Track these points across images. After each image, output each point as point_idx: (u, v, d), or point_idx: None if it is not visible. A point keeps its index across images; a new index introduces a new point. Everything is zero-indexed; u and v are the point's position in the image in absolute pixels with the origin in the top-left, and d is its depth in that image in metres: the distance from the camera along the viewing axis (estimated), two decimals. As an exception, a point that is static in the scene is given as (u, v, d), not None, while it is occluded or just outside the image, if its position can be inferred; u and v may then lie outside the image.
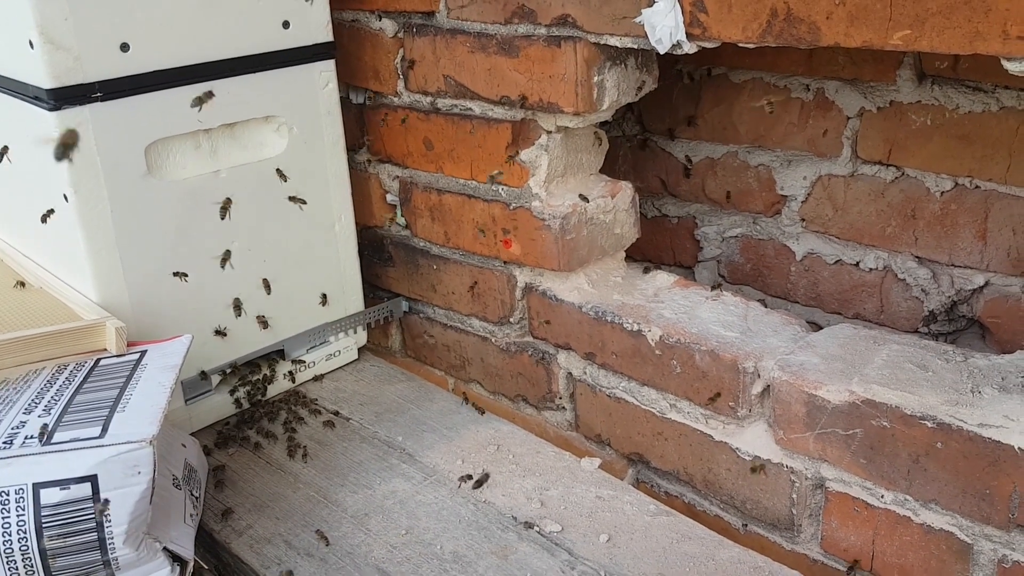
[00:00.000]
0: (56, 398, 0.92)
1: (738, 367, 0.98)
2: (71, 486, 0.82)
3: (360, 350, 1.39)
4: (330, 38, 1.21)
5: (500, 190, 1.18)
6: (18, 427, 0.87)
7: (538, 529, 1.01)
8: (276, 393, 1.28)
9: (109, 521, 0.83)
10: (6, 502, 0.82)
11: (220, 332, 1.17)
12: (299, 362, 1.30)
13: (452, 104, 1.20)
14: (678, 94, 1.37)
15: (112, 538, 0.84)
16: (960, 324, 1.18)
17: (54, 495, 0.82)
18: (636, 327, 1.07)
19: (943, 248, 1.17)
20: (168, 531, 0.92)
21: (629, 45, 1.00)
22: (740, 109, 1.31)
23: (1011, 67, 0.76)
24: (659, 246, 1.47)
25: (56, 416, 0.89)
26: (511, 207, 1.17)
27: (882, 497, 0.90)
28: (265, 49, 1.14)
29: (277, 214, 1.21)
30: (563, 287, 1.16)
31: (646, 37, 0.97)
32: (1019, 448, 0.79)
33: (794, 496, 0.97)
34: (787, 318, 1.05)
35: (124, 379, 0.95)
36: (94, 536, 0.84)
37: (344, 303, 1.33)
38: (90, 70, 1.00)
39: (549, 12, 1.04)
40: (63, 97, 0.99)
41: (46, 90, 0.99)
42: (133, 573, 0.87)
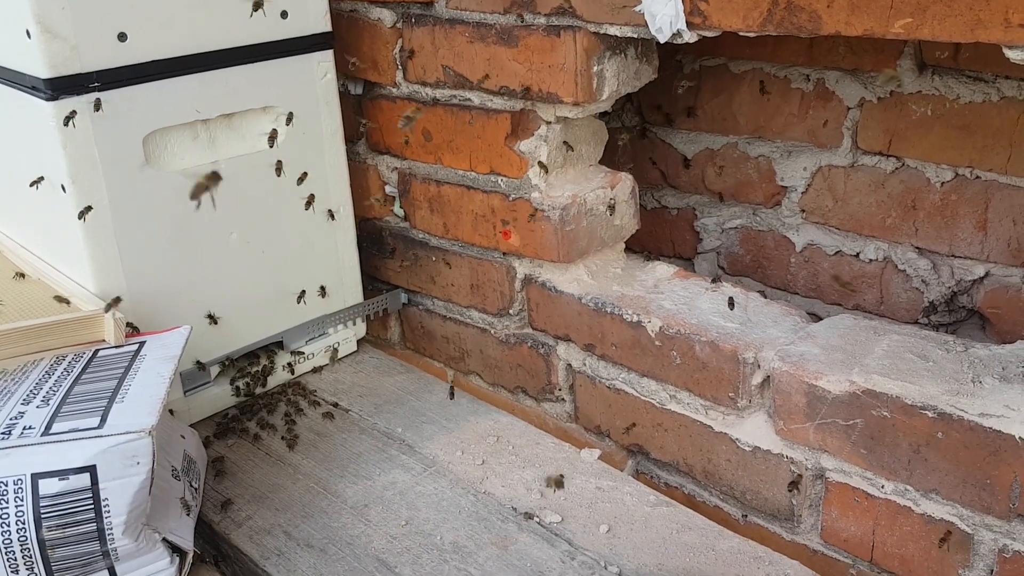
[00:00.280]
0: (54, 389, 0.92)
1: (738, 358, 0.98)
2: (70, 476, 0.82)
3: (359, 342, 1.39)
4: (328, 28, 1.20)
5: (499, 181, 1.17)
6: (16, 418, 0.87)
7: (538, 520, 1.01)
8: (275, 385, 1.28)
9: (108, 512, 0.83)
10: (5, 493, 0.81)
11: (211, 317, 1.16)
12: (298, 353, 1.29)
13: (451, 95, 1.19)
14: (678, 85, 1.36)
15: (111, 529, 0.84)
16: (960, 315, 1.18)
17: (53, 486, 0.82)
18: (636, 318, 1.07)
19: (943, 239, 1.17)
20: (167, 522, 0.92)
21: (629, 34, 1.00)
22: (740, 100, 1.30)
23: (1013, 55, 0.76)
24: (659, 238, 1.47)
25: (55, 407, 0.89)
26: (510, 198, 1.17)
27: (882, 487, 0.90)
28: (263, 39, 1.13)
29: (275, 206, 1.21)
30: (563, 278, 1.16)
31: (646, 26, 0.96)
32: (1020, 438, 0.79)
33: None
34: (787, 309, 1.05)
35: (123, 370, 0.95)
36: (93, 527, 0.84)
37: (343, 295, 1.33)
38: (88, 60, 1.00)
39: (548, 1, 1.04)
40: (60, 87, 0.99)
41: (43, 80, 0.98)
42: (132, 564, 0.87)
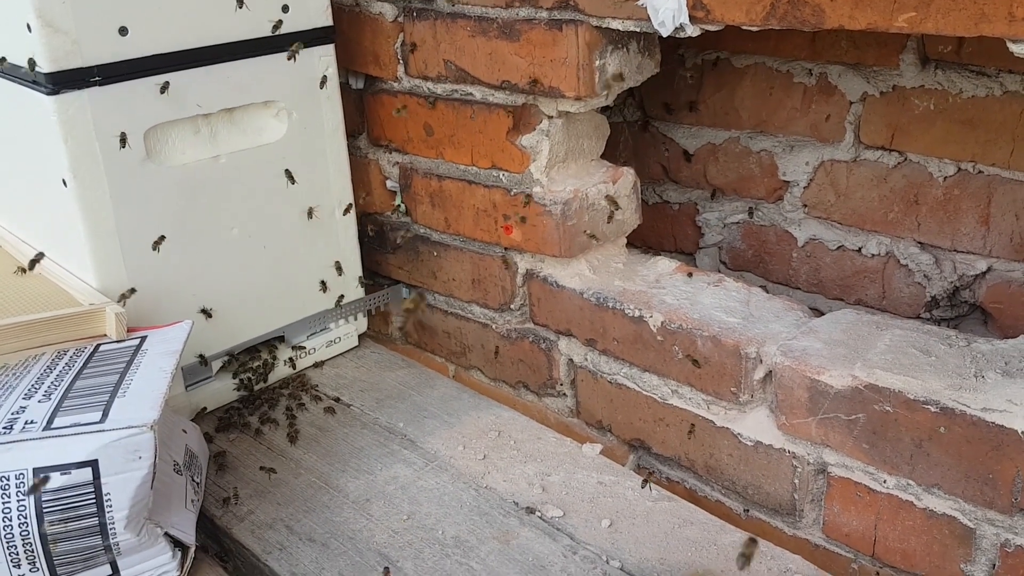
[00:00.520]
0: (56, 383, 0.92)
1: (740, 352, 0.98)
2: (72, 471, 0.82)
3: (360, 337, 1.38)
4: (330, 22, 1.20)
5: (501, 176, 1.17)
6: (18, 412, 0.87)
7: (540, 514, 1.01)
8: (277, 379, 1.28)
9: (110, 506, 0.83)
10: (6, 487, 0.81)
11: (206, 312, 1.16)
12: (299, 348, 1.29)
13: (452, 89, 1.19)
14: (679, 79, 1.36)
15: (113, 523, 0.84)
16: (962, 310, 1.18)
17: (55, 480, 0.82)
18: (638, 313, 1.07)
19: (946, 234, 1.16)
20: (169, 516, 0.92)
21: (631, 28, 0.99)
22: (742, 94, 1.30)
23: (1016, 49, 0.76)
24: (660, 232, 1.47)
25: (56, 401, 0.89)
26: (512, 193, 1.16)
27: (885, 482, 0.90)
28: (265, 33, 1.13)
29: (277, 200, 1.20)
30: (564, 273, 1.16)
31: (648, 20, 0.96)
32: (1022, 432, 0.79)
33: (796, 481, 0.97)
34: (789, 304, 1.04)
35: (124, 364, 0.95)
36: (95, 521, 0.83)
37: (344, 290, 1.32)
38: (88, 54, 1.00)
39: (550, -5, 1.03)
40: (61, 81, 0.99)
41: (44, 74, 0.98)
42: (134, 558, 0.87)
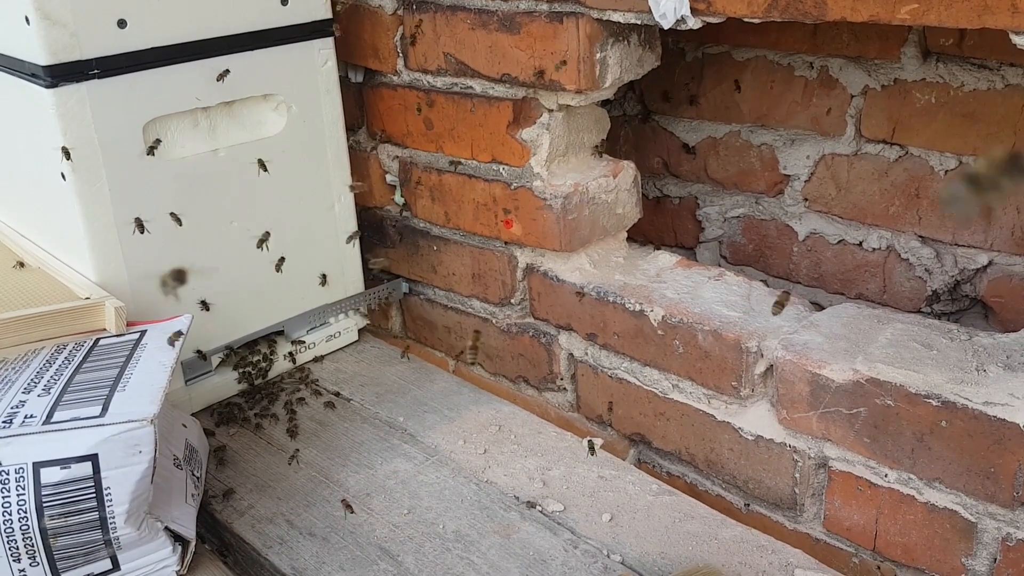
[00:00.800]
0: (55, 378, 0.92)
1: (741, 347, 0.97)
2: (71, 465, 0.82)
3: (360, 331, 1.38)
4: (329, 15, 1.19)
5: (501, 169, 1.17)
6: (17, 406, 0.87)
7: (540, 509, 1.01)
8: (276, 374, 1.27)
9: (110, 500, 0.83)
10: (6, 481, 0.81)
11: (204, 304, 1.15)
12: (299, 343, 1.29)
13: (452, 82, 1.19)
14: (680, 72, 1.36)
15: (113, 517, 0.84)
16: (963, 304, 1.18)
17: (54, 474, 0.82)
18: (638, 307, 1.07)
19: (947, 227, 1.16)
20: (169, 511, 0.92)
21: (632, 21, 0.99)
22: (743, 88, 1.30)
23: (1019, 41, 0.75)
24: (660, 227, 1.46)
25: (56, 395, 0.88)
26: (512, 187, 1.16)
27: (886, 476, 0.90)
28: (263, 26, 1.13)
29: (276, 194, 1.20)
30: (564, 267, 1.16)
31: (649, 12, 0.96)
32: (1024, 426, 0.79)
33: (797, 475, 0.96)
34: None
35: (124, 359, 0.95)
36: (95, 515, 0.83)
37: (344, 284, 1.32)
38: (87, 47, 0.99)
39: (551, -12, 1.03)
40: (60, 74, 0.98)
41: (43, 67, 0.98)
42: (135, 552, 0.87)
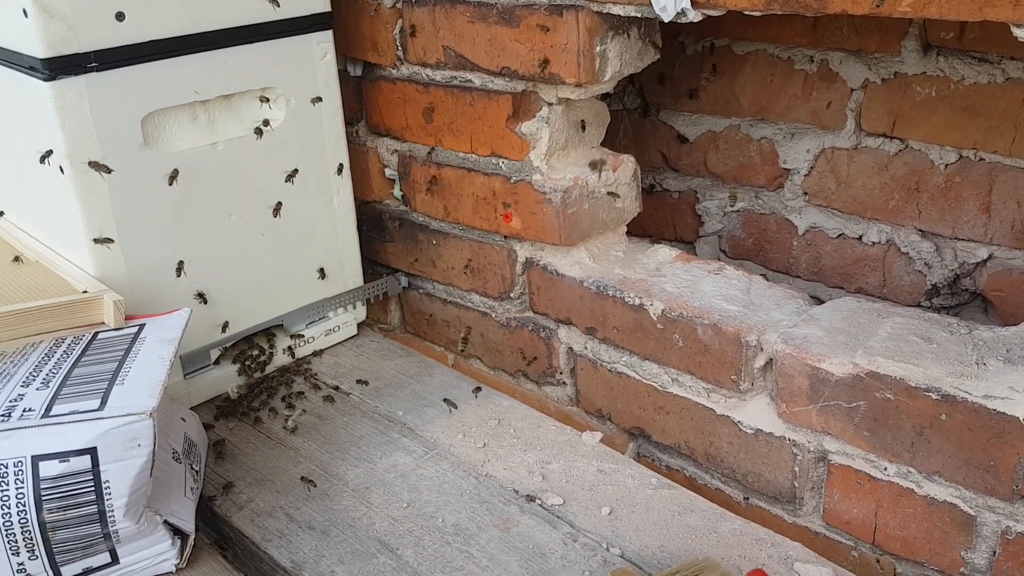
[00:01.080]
0: (54, 371, 0.92)
1: (741, 340, 0.97)
2: (70, 458, 0.82)
3: (359, 325, 1.38)
4: (327, 8, 1.19)
5: (500, 163, 1.17)
6: (16, 400, 0.87)
7: (540, 502, 1.01)
8: (275, 368, 1.27)
9: (109, 494, 0.83)
10: (5, 475, 0.81)
11: (201, 296, 1.15)
12: (298, 337, 1.29)
13: (452, 76, 1.18)
14: (680, 66, 1.35)
15: (112, 511, 0.84)
16: (963, 298, 1.18)
17: (53, 467, 0.82)
18: (638, 301, 1.06)
19: (947, 221, 1.16)
20: (169, 504, 0.92)
21: (632, 14, 0.99)
22: (743, 81, 1.29)
23: (1020, 34, 0.75)
24: (660, 221, 1.46)
25: (54, 389, 0.88)
26: (511, 181, 1.16)
27: (885, 470, 0.90)
28: (262, 19, 1.12)
29: (275, 188, 1.20)
30: (564, 261, 1.16)
31: (650, 5, 0.95)
32: (1024, 419, 0.79)
33: (796, 469, 0.96)
34: (790, 291, 1.04)
35: (123, 352, 0.95)
36: (94, 509, 0.83)
37: (343, 278, 1.32)
38: (85, 40, 0.99)
39: (551, -19, 1.03)
40: (58, 67, 0.98)
41: (41, 60, 0.97)
42: (134, 546, 0.87)
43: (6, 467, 0.81)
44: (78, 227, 1.05)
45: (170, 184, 1.08)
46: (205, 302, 1.16)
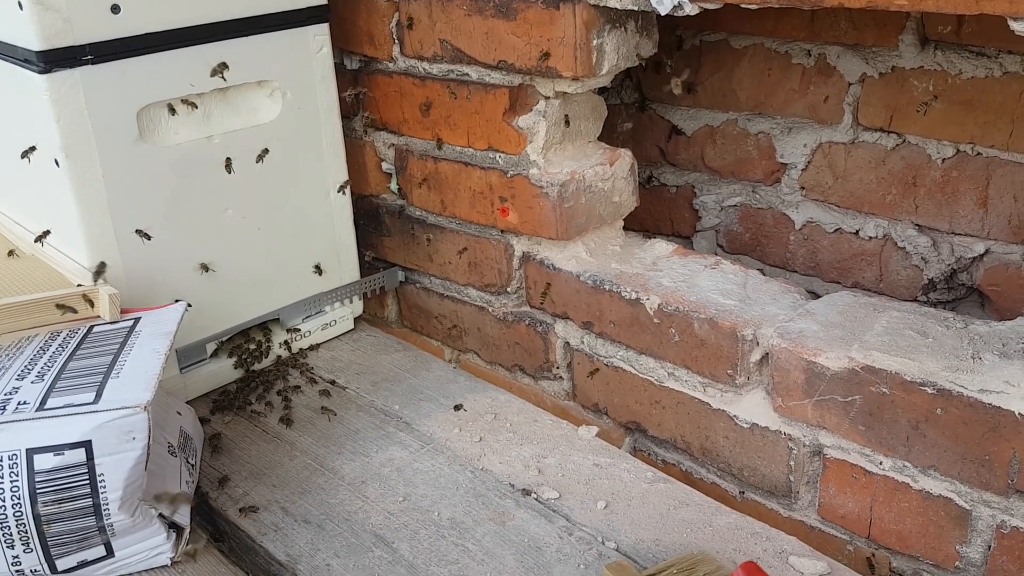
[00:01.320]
0: (49, 364, 0.92)
1: (737, 335, 0.97)
2: (65, 452, 0.82)
3: (356, 320, 1.38)
4: (324, 1, 1.19)
5: (497, 157, 1.17)
6: (11, 393, 0.87)
7: (536, 496, 1.01)
8: (271, 362, 1.27)
9: (104, 487, 0.83)
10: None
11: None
12: (295, 331, 1.29)
13: (448, 69, 1.18)
14: (677, 60, 1.35)
15: (107, 504, 0.84)
16: (959, 292, 1.18)
17: (48, 461, 0.82)
18: (634, 295, 1.06)
19: (943, 216, 1.16)
20: (164, 498, 0.92)
21: (629, 7, 0.98)
22: (740, 76, 1.29)
23: (1018, 27, 0.75)
24: (657, 215, 1.46)
25: (49, 382, 0.88)
26: (508, 175, 1.16)
27: (881, 464, 0.90)
28: (258, 12, 1.12)
29: (271, 182, 1.20)
30: (561, 256, 1.16)
31: (646, -1, 0.95)
32: (1019, 414, 0.79)
33: (792, 463, 0.96)
34: (786, 286, 1.04)
35: (118, 346, 0.95)
36: (89, 502, 0.83)
37: (339, 273, 1.32)
38: (80, 32, 0.99)
39: (547, -26, 1.02)
40: (53, 60, 0.98)
41: (36, 52, 0.97)
42: (129, 539, 0.87)
43: (0, 460, 0.81)
44: (73, 220, 1.05)
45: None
46: (201, 296, 1.15)
